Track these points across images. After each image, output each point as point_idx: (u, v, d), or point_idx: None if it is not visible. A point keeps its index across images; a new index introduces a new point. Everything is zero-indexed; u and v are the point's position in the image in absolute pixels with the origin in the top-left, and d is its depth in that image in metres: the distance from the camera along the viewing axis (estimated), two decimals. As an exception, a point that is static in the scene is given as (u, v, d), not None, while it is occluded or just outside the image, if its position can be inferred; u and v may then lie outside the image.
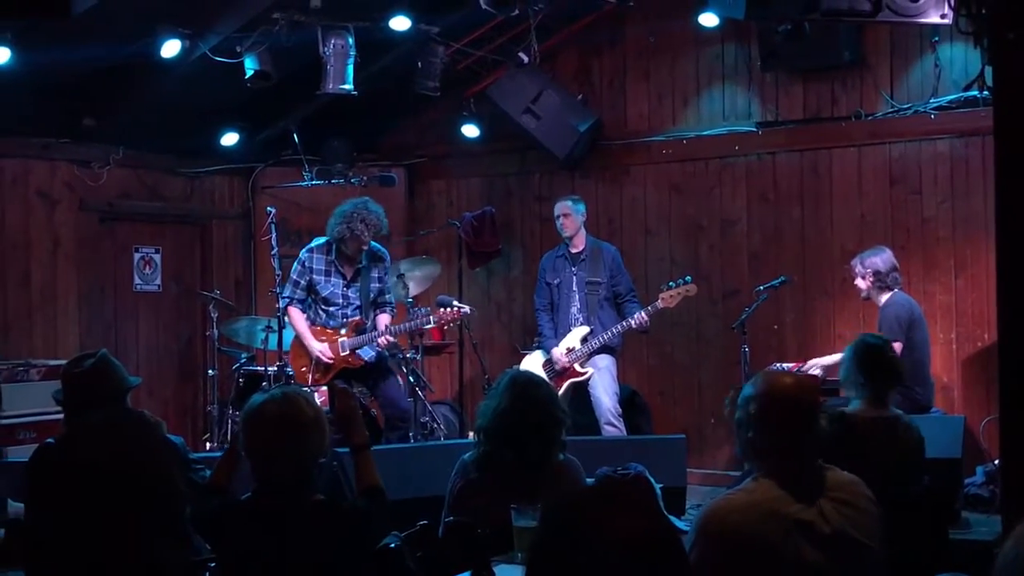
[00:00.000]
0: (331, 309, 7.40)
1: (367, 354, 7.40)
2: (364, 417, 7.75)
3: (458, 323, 7.76)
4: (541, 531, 2.06)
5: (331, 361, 7.30)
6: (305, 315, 7.45)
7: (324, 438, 3.48)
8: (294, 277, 7.41)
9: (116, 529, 2.64)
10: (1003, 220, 3.32)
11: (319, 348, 7.30)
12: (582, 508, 2.01)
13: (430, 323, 7.47)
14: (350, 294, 7.41)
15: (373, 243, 7.42)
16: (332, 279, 7.38)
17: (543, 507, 3.54)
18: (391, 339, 7.36)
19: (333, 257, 7.37)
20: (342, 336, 7.35)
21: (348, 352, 7.33)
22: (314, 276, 7.37)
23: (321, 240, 7.48)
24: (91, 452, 2.65)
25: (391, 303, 7.63)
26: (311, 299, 7.46)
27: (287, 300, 7.37)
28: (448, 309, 7.38)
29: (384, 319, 7.45)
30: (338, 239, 7.30)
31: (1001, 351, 3.45)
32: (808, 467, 3.13)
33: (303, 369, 7.41)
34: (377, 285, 7.50)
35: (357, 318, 7.39)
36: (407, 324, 7.49)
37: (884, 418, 4.86)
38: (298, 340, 7.45)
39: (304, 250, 7.50)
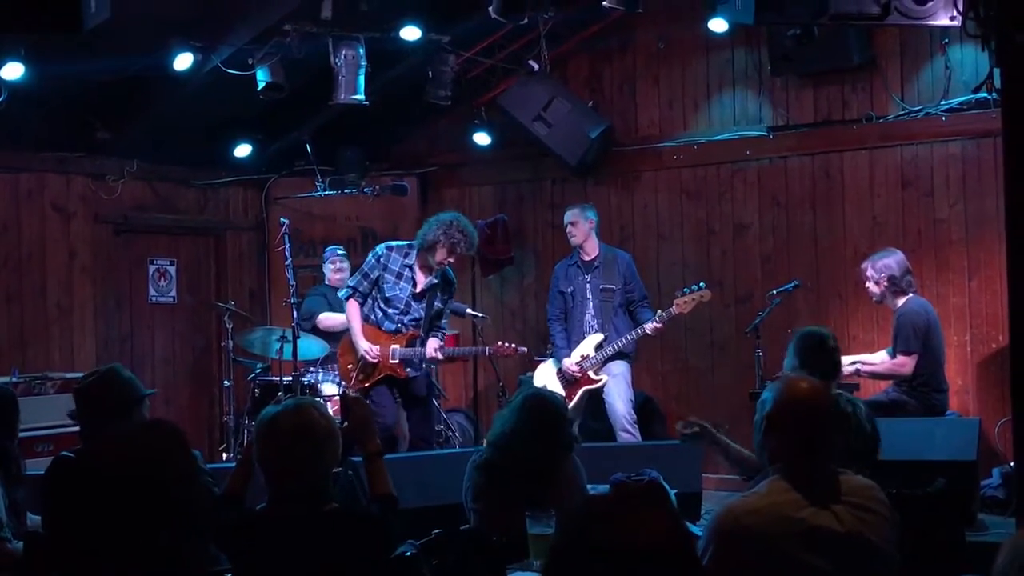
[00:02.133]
0: (390, 311, 7.25)
1: (414, 371, 7.31)
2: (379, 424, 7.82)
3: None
4: (558, 539, 2.08)
5: (376, 361, 7.17)
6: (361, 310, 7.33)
7: (338, 447, 3.50)
8: (365, 270, 7.30)
9: (135, 540, 2.66)
10: (1012, 221, 3.33)
11: (366, 346, 7.16)
12: (598, 515, 2.03)
13: (485, 353, 7.60)
14: (414, 304, 7.27)
15: (448, 269, 7.33)
16: (401, 283, 7.24)
17: (559, 515, 3.59)
18: (440, 356, 7.33)
19: (411, 262, 7.23)
20: (395, 343, 7.23)
21: (397, 361, 7.21)
22: (385, 273, 7.22)
23: (402, 242, 7.37)
24: (109, 463, 2.67)
25: (444, 328, 7.55)
26: (372, 296, 7.32)
27: (350, 291, 7.30)
28: (504, 345, 7.48)
29: (433, 343, 7.29)
30: (429, 244, 7.09)
31: (1013, 352, 3.46)
32: (822, 470, 3.14)
33: (349, 367, 7.31)
34: (440, 306, 7.39)
35: (414, 331, 7.27)
36: (464, 350, 7.55)
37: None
38: (349, 337, 7.34)
39: (383, 246, 7.35)
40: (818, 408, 3.18)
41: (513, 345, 7.51)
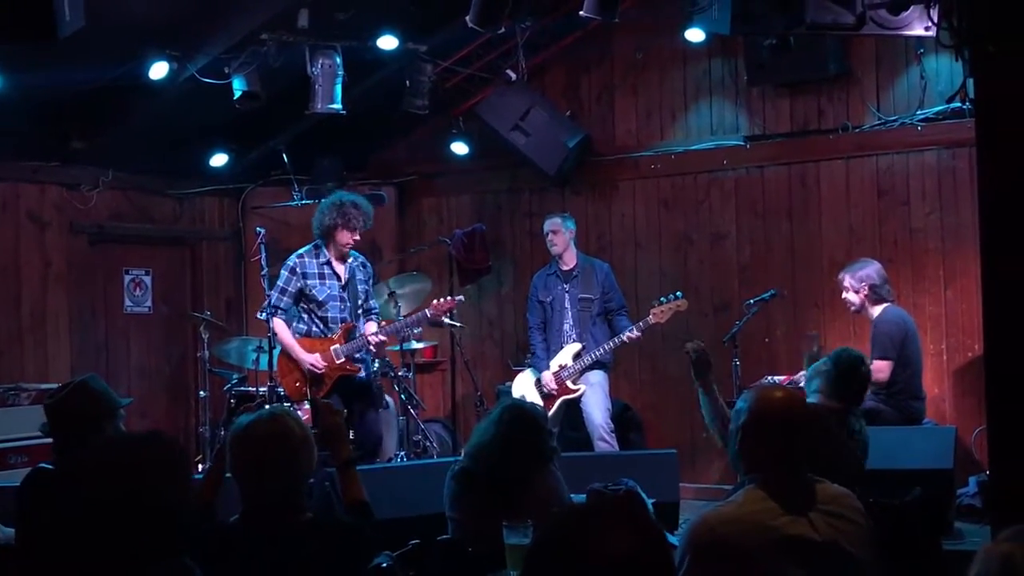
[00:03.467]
0: (329, 314, 7.15)
1: (363, 365, 7.22)
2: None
3: (454, 318, 7.60)
4: (534, 548, 2.06)
5: (323, 371, 7.07)
6: (292, 326, 7.21)
7: (312, 456, 3.48)
8: (281, 284, 7.17)
9: (111, 553, 2.63)
10: (987, 231, 3.34)
11: (310, 360, 7.04)
12: (574, 525, 2.01)
13: (426, 317, 7.40)
14: (345, 296, 7.20)
15: (354, 251, 7.30)
16: (327, 281, 7.16)
17: (536, 526, 3.58)
18: (384, 338, 7.24)
19: (325, 259, 7.18)
20: (335, 343, 7.12)
21: (344, 359, 7.10)
22: (307, 281, 7.13)
23: (307, 247, 7.29)
24: (99, 476, 2.64)
25: (376, 309, 7.49)
26: (302, 308, 7.22)
27: (272, 311, 7.12)
28: (442, 300, 7.35)
29: (371, 326, 7.26)
30: (327, 230, 7.10)
31: (988, 361, 3.47)
32: (798, 479, 3.14)
33: (297, 384, 7.14)
34: (364, 287, 7.34)
35: (348, 323, 7.18)
36: (404, 320, 7.44)
37: (840, 410, 5.11)
38: (285, 354, 7.18)
39: (292, 256, 7.26)
40: (793, 417, 3.18)
41: (449, 298, 7.44)
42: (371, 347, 7.21)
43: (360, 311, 7.33)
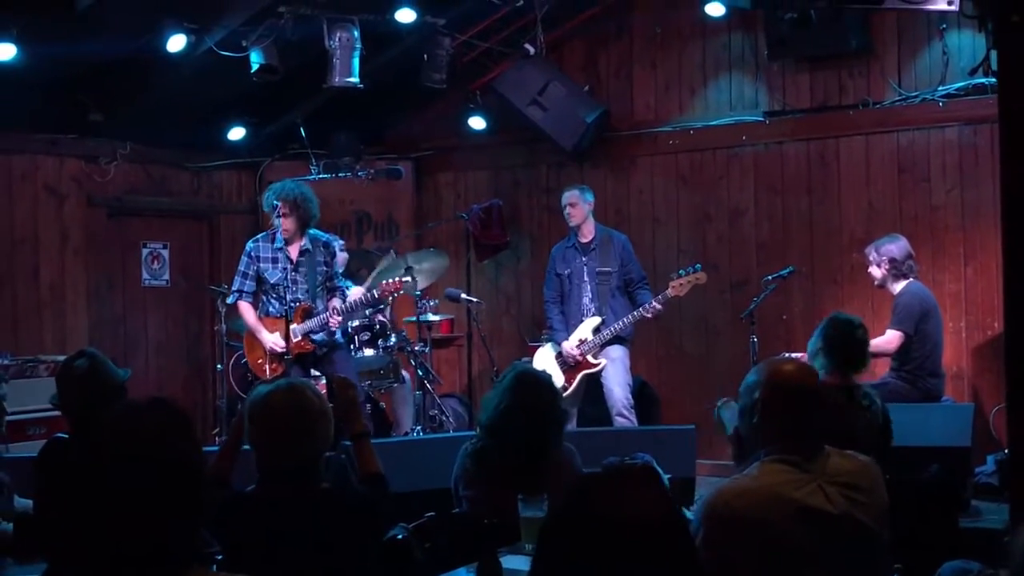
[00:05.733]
0: (286, 296, 7.25)
1: (318, 337, 7.30)
2: (373, 409, 7.78)
3: (399, 294, 7.62)
4: (552, 514, 2.06)
5: (284, 350, 7.19)
6: (259, 307, 7.39)
7: (330, 428, 3.48)
8: (242, 269, 7.35)
9: (130, 521, 2.63)
10: (1008, 204, 3.31)
11: (271, 339, 7.19)
12: (592, 491, 2.01)
13: (374, 297, 7.46)
14: (298, 278, 7.30)
15: (320, 232, 7.40)
16: (279, 264, 7.28)
17: (551, 498, 3.57)
18: (339, 318, 7.27)
19: (280, 244, 7.27)
20: (292, 325, 7.24)
21: (300, 338, 7.22)
22: (261, 264, 7.28)
23: (265, 232, 7.44)
24: (113, 443, 2.64)
25: (341, 287, 7.54)
26: (263, 290, 7.37)
27: (236, 295, 7.34)
28: (391, 281, 7.41)
29: (335, 303, 7.32)
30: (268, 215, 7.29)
31: (1008, 338, 3.45)
32: (813, 451, 3.13)
33: (259, 361, 7.32)
34: (324, 269, 7.37)
35: (305, 303, 7.28)
36: (354, 300, 7.46)
37: (847, 386, 4.89)
38: (250, 333, 7.38)
39: (250, 241, 7.44)
40: (806, 389, 3.16)
41: (397, 279, 7.47)
42: (331, 326, 7.25)
43: (320, 290, 7.35)
